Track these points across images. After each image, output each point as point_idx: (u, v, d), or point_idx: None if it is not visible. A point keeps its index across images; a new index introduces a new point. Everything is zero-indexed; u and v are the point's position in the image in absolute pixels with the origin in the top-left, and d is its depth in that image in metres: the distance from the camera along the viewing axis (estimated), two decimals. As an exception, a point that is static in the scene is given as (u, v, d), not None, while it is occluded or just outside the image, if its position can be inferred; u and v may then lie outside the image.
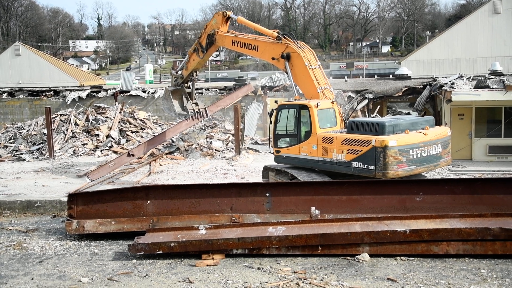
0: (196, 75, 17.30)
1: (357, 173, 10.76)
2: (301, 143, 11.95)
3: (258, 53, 13.88)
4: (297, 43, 12.95)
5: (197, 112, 17.40)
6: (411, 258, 8.26)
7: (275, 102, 13.07)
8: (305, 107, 11.86)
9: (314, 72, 12.52)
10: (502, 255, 8.08)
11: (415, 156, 10.56)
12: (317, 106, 11.64)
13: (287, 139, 12.55)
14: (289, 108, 12.44)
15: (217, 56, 16.43)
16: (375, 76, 40.05)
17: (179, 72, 17.07)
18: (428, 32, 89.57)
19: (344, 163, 10.95)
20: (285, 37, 13.00)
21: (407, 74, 26.73)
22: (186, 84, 17.37)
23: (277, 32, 13.46)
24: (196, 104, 17.52)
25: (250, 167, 18.09)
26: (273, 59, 13.17)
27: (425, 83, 23.70)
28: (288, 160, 12.38)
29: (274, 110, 12.64)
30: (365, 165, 10.55)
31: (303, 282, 7.37)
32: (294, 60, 12.71)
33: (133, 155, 18.04)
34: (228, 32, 14.95)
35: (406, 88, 24.30)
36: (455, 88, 18.78)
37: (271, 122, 12.81)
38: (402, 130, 10.69)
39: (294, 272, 7.85)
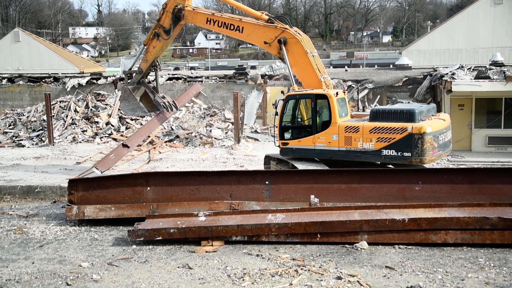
0: (158, 65, 15.03)
1: (389, 161, 10.87)
2: (317, 133, 11.57)
3: (242, 35, 12.92)
4: (292, 28, 12.38)
5: (169, 106, 15.56)
6: (410, 247, 8.32)
7: (282, 92, 12.61)
8: (323, 96, 11.54)
9: (315, 59, 12.16)
10: (500, 244, 8.14)
11: (441, 141, 10.87)
12: (337, 95, 11.49)
13: (297, 131, 12.14)
14: (301, 98, 11.99)
15: (180, 36, 14.77)
16: (376, 66, 39.90)
17: (137, 68, 14.88)
18: (429, 22, 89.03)
19: (372, 152, 10.89)
20: (277, 21, 12.38)
21: (407, 64, 26.66)
22: (146, 79, 15.25)
23: (266, 14, 12.75)
24: (163, 97, 15.66)
25: (250, 155, 18.12)
26: (265, 43, 12.49)
27: (426, 73, 23.64)
28: (299, 152, 11.87)
29: (281, 101, 12.02)
30: (399, 153, 10.59)
31: (301, 269, 7.43)
32: (292, 46, 12.14)
33: (128, 147, 16.67)
34: (197, 7, 13.77)
35: (406, 78, 24.24)
36: (455, 79, 18.74)
37: (276, 114, 12.07)
38: (424, 117, 10.92)
39: (293, 259, 7.91)
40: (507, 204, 8.60)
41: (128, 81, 15.05)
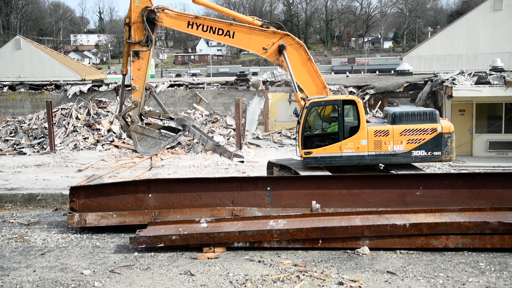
0: (151, 87, 12.94)
1: (419, 161, 11.45)
2: (344, 140, 11.50)
3: (233, 40, 12.25)
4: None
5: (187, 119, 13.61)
6: (411, 252, 8.33)
7: (303, 99, 12.02)
8: (351, 102, 11.63)
9: (314, 66, 12.11)
10: (500, 249, 8.17)
11: None
12: (363, 100, 11.64)
13: (321, 138, 11.91)
14: (326, 104, 11.85)
15: (155, 42, 12.85)
16: (377, 72, 39.99)
17: (132, 103, 12.59)
18: (429, 28, 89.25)
19: (403, 154, 11.35)
20: (272, 26, 12.14)
21: (408, 70, 26.70)
22: (145, 109, 13.45)
23: (258, 19, 12.31)
24: (176, 114, 13.87)
25: (252, 161, 18.14)
26: (264, 49, 12.07)
27: (426, 79, 23.68)
28: (324, 160, 11.65)
29: (305, 109, 11.62)
30: (429, 152, 11.27)
31: (303, 274, 7.44)
32: (292, 53, 11.96)
33: (219, 145, 14.02)
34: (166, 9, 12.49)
35: (407, 84, 24.29)
36: (456, 84, 18.79)
37: (298, 122, 11.73)
38: None
39: (295, 265, 7.92)
40: (507, 209, 8.63)
41: (127, 124, 12.77)
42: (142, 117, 12.92)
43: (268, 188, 10.46)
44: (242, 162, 11.61)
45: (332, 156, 11.61)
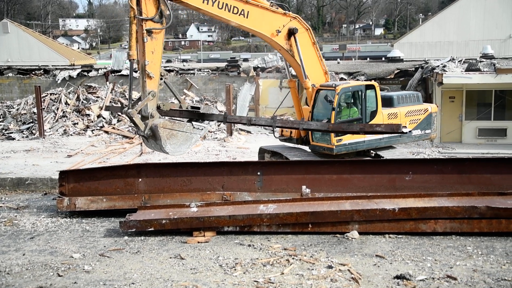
0: (165, 74, 10.82)
1: (417, 140, 12.45)
2: None
3: (247, 21, 11.00)
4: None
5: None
6: (400, 236, 8.39)
7: (333, 86, 11.50)
8: (371, 86, 11.80)
9: (319, 50, 11.89)
10: (487, 233, 8.25)
11: None
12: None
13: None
14: (353, 90, 11.73)
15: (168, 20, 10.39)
16: (368, 59, 39.90)
17: (148, 94, 10.06)
18: (421, 14, 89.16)
19: (406, 134, 11.60)
20: (280, 8, 11.58)
21: (399, 57, 26.70)
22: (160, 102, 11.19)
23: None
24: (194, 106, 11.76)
25: (242, 148, 18.14)
26: (277, 31, 11.26)
27: (417, 66, 23.71)
28: (351, 146, 11.67)
29: (336, 95, 11.30)
30: (423, 131, 12.21)
31: (293, 258, 7.47)
32: (300, 37, 11.44)
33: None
34: None
35: (398, 71, 24.30)
36: (446, 71, 18.85)
37: (333, 109, 11.28)
38: None
39: (285, 249, 7.95)
40: (495, 194, 8.72)
41: (144, 121, 10.22)
42: (165, 107, 11.00)
43: (258, 173, 10.48)
44: (405, 133, 11.06)
45: (357, 142, 11.76)
